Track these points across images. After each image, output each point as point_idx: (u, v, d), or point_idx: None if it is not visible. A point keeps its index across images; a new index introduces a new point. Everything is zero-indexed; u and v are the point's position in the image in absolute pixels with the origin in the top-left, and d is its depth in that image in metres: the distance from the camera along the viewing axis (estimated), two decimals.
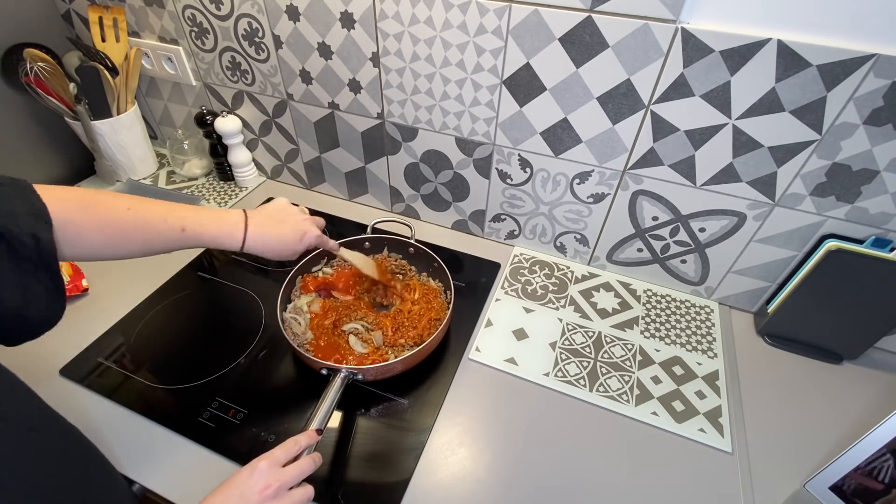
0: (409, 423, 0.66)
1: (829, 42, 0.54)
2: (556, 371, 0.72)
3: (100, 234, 0.49)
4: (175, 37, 0.94)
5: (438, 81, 0.76)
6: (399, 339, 0.72)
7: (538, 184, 0.82)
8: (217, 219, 0.57)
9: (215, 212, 0.58)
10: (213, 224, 0.56)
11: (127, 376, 0.70)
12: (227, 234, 0.57)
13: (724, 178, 0.69)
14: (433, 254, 0.80)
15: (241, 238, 0.57)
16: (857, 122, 0.58)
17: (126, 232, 0.51)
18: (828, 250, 0.66)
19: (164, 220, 0.53)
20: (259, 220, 0.59)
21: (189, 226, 0.54)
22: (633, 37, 0.61)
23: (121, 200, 0.51)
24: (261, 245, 0.59)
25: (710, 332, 0.79)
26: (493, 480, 0.60)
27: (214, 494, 0.45)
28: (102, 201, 0.50)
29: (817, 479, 0.53)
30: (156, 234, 0.52)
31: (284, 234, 0.61)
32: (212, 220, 0.56)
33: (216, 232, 0.56)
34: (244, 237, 0.57)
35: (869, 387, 0.72)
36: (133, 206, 0.51)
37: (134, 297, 0.82)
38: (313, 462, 0.51)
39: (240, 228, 0.57)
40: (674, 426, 0.66)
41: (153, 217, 0.52)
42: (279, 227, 0.61)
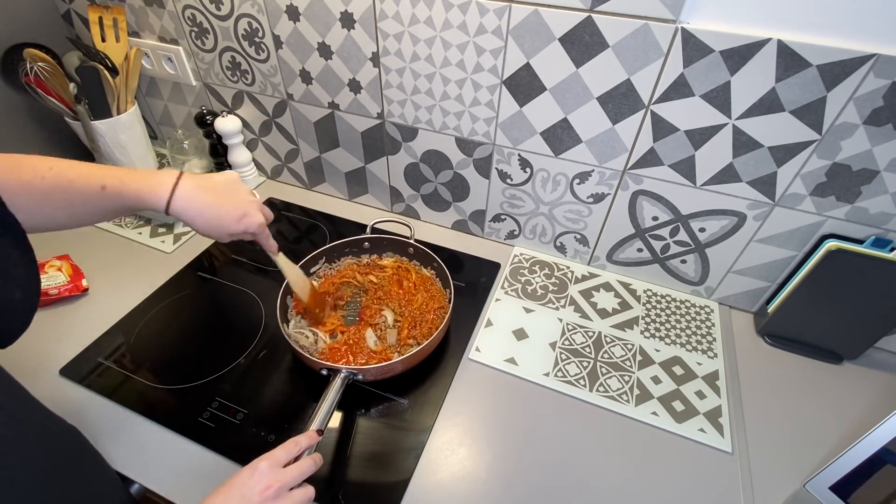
0: (409, 423, 0.66)
1: (829, 42, 0.54)
2: (556, 371, 0.72)
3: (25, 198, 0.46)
4: (175, 37, 0.94)
5: (438, 81, 0.76)
6: (409, 339, 0.72)
7: (538, 184, 0.82)
8: (143, 177, 0.52)
9: (143, 171, 0.53)
10: (136, 181, 0.51)
11: (127, 376, 0.70)
12: (151, 192, 0.51)
13: (724, 178, 0.69)
14: (433, 254, 0.80)
15: (167, 197, 0.51)
16: (857, 122, 0.58)
17: (48, 193, 0.47)
18: (828, 250, 0.66)
19: (86, 178, 0.49)
20: (196, 184, 0.54)
21: (110, 183, 0.49)
22: (633, 37, 0.61)
23: (45, 161, 0.48)
24: (191, 211, 0.53)
25: (710, 332, 0.79)
26: (493, 480, 0.60)
27: (215, 495, 0.45)
28: (27, 163, 0.47)
29: (817, 479, 0.53)
30: (76, 193, 0.49)
31: (222, 207, 0.55)
32: (137, 177, 0.51)
33: (138, 189, 0.51)
34: (170, 196, 0.51)
35: (869, 387, 0.72)
36: (55, 165, 0.48)
37: (134, 297, 0.82)
38: (314, 462, 0.51)
39: (167, 188, 0.51)
40: (674, 426, 0.66)
41: (75, 176, 0.49)
42: (219, 197, 0.55)
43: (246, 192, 0.59)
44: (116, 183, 0.50)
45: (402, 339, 0.72)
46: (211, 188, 0.55)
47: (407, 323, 0.75)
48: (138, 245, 0.93)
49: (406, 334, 0.73)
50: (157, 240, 0.93)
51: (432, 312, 0.77)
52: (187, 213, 0.53)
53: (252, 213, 0.57)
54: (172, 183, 0.52)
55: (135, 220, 0.98)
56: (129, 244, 0.93)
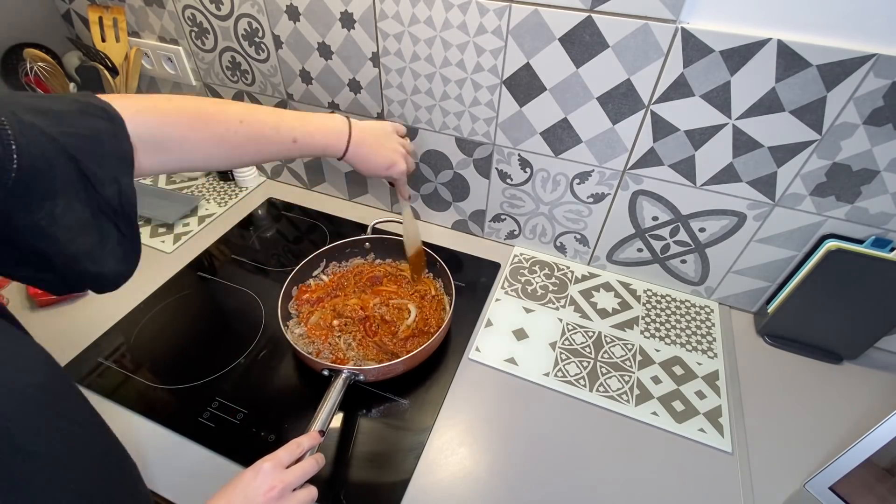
0: (409, 423, 0.66)
1: (829, 42, 0.54)
2: (556, 371, 0.72)
3: (215, 148, 0.51)
4: (175, 37, 0.94)
5: (438, 81, 0.76)
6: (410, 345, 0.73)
7: (538, 184, 0.82)
8: (325, 127, 0.60)
9: (320, 119, 0.60)
10: (321, 133, 0.59)
11: (127, 376, 0.70)
12: (334, 144, 0.60)
13: (724, 178, 0.69)
14: (433, 254, 0.80)
15: (345, 147, 0.61)
16: (857, 122, 0.58)
17: (239, 144, 0.53)
18: (828, 250, 0.66)
19: (277, 130, 0.55)
20: (360, 135, 0.62)
21: (300, 136, 0.57)
22: (633, 37, 0.61)
23: (231, 111, 0.53)
24: (356, 160, 0.63)
25: (710, 332, 0.79)
26: (493, 480, 0.60)
27: (218, 496, 0.45)
28: (213, 115, 0.51)
29: (817, 479, 0.53)
30: (268, 145, 0.55)
31: (378, 156, 0.64)
32: (319, 128, 0.59)
33: (325, 141, 0.60)
34: (347, 146, 0.61)
35: (869, 387, 0.72)
36: (245, 118, 0.53)
37: (134, 297, 0.82)
38: (316, 463, 0.51)
39: (344, 139, 0.61)
40: (674, 426, 0.66)
41: (265, 128, 0.55)
42: (375, 146, 0.64)
43: (396, 142, 0.68)
44: (306, 137, 0.58)
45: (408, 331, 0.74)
46: (371, 138, 0.64)
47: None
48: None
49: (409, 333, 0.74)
50: (157, 240, 0.93)
51: (432, 313, 0.77)
52: (354, 161, 0.63)
53: (398, 162, 0.66)
54: (347, 136, 0.61)
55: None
56: None
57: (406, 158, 0.68)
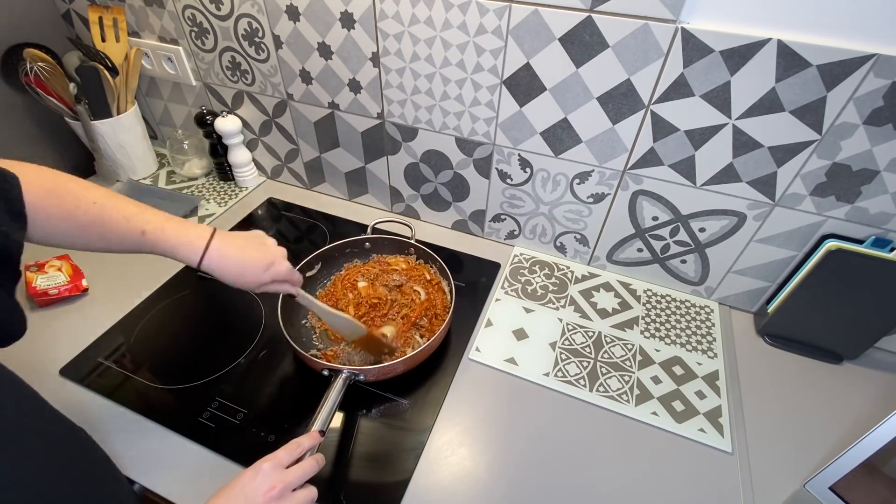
0: (409, 424, 0.66)
1: (829, 42, 0.54)
2: (556, 371, 0.72)
3: (62, 224, 0.48)
4: (175, 37, 0.94)
5: (438, 81, 0.76)
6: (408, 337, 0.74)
7: (538, 184, 0.82)
8: (181, 228, 0.54)
9: (183, 222, 0.55)
10: (174, 232, 0.53)
11: (127, 376, 0.70)
12: (187, 245, 0.53)
13: (724, 178, 0.69)
14: (433, 254, 0.80)
15: (201, 252, 0.54)
16: (857, 122, 0.58)
17: (86, 225, 0.50)
18: (828, 250, 0.66)
19: (127, 220, 0.51)
20: (226, 240, 0.56)
21: (150, 230, 0.52)
22: (633, 37, 0.61)
23: (90, 192, 0.50)
24: (222, 265, 0.55)
25: (710, 332, 0.79)
26: (493, 480, 0.60)
27: (218, 496, 0.45)
28: (71, 190, 0.49)
29: (817, 479, 0.53)
30: (116, 232, 0.51)
31: (250, 259, 0.57)
32: (175, 228, 0.53)
33: (176, 241, 0.53)
34: (204, 252, 0.54)
35: (869, 387, 0.72)
36: (99, 200, 0.50)
37: (134, 297, 0.82)
38: (316, 463, 0.51)
39: (201, 243, 0.54)
40: (674, 426, 0.66)
41: (117, 215, 0.51)
42: (246, 250, 0.57)
43: (272, 243, 0.61)
44: (157, 231, 0.52)
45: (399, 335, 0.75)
46: (237, 245, 0.57)
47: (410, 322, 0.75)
48: None
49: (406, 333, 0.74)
50: None
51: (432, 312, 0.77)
52: (217, 269, 0.55)
53: (279, 261, 0.59)
54: (206, 241, 0.54)
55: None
56: None
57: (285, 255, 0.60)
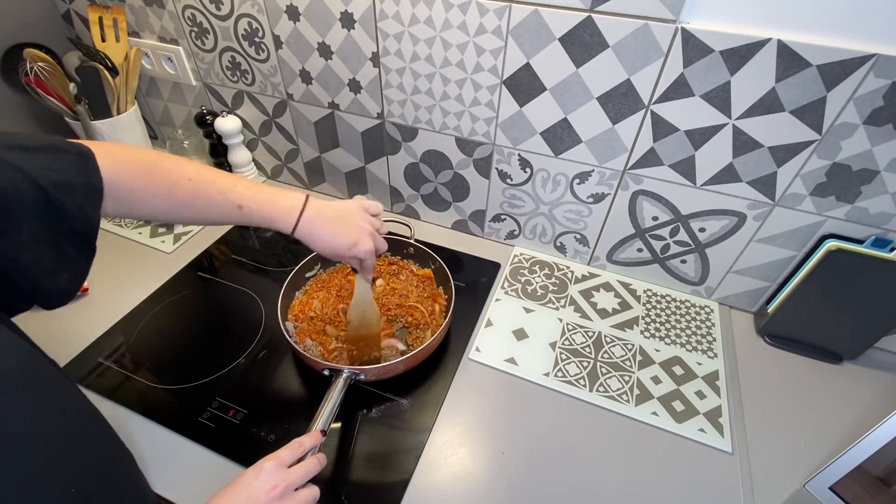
0: (409, 424, 0.66)
1: (829, 42, 0.54)
2: (556, 371, 0.72)
3: (161, 201, 0.51)
4: (175, 37, 0.94)
5: (438, 81, 0.76)
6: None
7: (538, 184, 0.82)
8: (274, 199, 0.56)
9: (275, 192, 0.56)
10: (269, 204, 0.55)
11: (127, 376, 0.70)
12: (281, 217, 0.56)
13: (724, 178, 0.69)
14: (433, 254, 0.80)
15: (294, 223, 0.56)
16: (857, 122, 0.58)
17: (185, 201, 0.52)
18: (828, 250, 0.67)
19: (224, 194, 0.53)
20: (317, 211, 0.57)
21: (246, 203, 0.54)
22: (633, 37, 0.61)
23: (183, 168, 0.52)
24: (310, 235, 0.57)
25: (710, 332, 0.79)
26: (493, 480, 0.60)
27: (220, 495, 0.45)
28: (166, 169, 0.51)
29: (817, 479, 0.53)
30: (213, 206, 0.53)
31: (337, 235, 0.58)
32: (269, 200, 0.55)
33: (271, 213, 0.55)
34: (296, 223, 0.56)
35: (869, 387, 0.72)
36: (194, 176, 0.52)
37: (134, 297, 0.82)
38: (318, 462, 0.51)
39: (294, 213, 0.56)
40: (674, 426, 0.66)
41: (212, 190, 0.53)
42: (335, 224, 0.58)
43: (362, 219, 0.60)
44: (251, 204, 0.54)
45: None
46: (328, 218, 0.58)
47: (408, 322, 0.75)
48: (138, 245, 0.93)
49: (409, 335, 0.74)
50: (157, 240, 0.93)
51: (432, 312, 0.77)
52: (307, 238, 0.57)
53: (362, 240, 0.59)
54: (300, 209, 0.56)
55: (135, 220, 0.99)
56: (129, 244, 0.93)
57: (374, 237, 0.60)
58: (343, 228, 0.58)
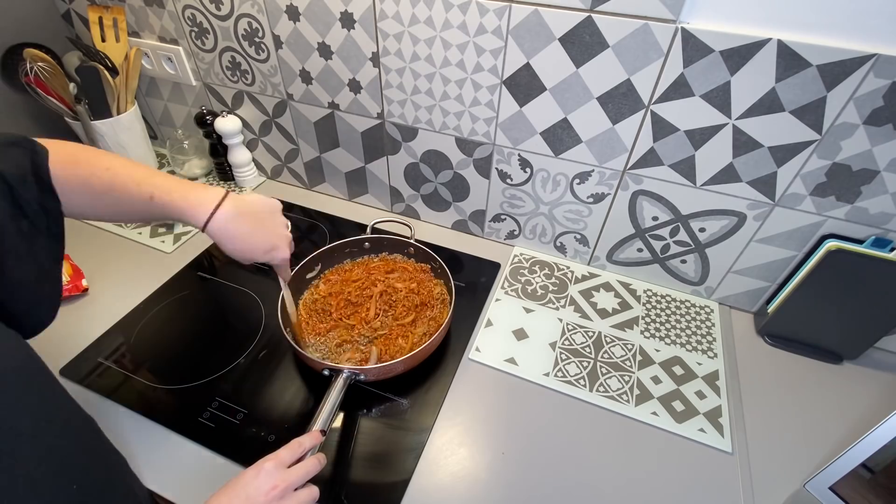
0: (409, 424, 0.66)
1: (829, 42, 0.54)
2: (556, 371, 0.72)
3: (79, 194, 0.49)
4: (175, 37, 0.94)
5: (438, 81, 0.76)
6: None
7: (538, 184, 0.82)
8: (187, 193, 0.52)
9: (191, 186, 0.53)
10: (180, 196, 0.52)
11: (127, 376, 0.70)
12: (193, 211, 0.52)
13: (724, 178, 0.69)
14: (433, 254, 0.80)
15: (205, 219, 0.52)
16: (857, 122, 0.58)
17: (100, 192, 0.50)
18: (828, 250, 0.66)
19: (138, 185, 0.51)
20: (237, 209, 0.54)
21: (158, 194, 0.51)
22: (633, 37, 0.61)
23: (103, 159, 0.51)
24: (222, 235, 0.53)
25: (710, 332, 0.79)
26: (493, 480, 0.60)
27: (219, 495, 0.45)
28: (87, 158, 0.50)
29: (817, 479, 0.53)
30: (126, 197, 0.51)
31: (254, 238, 0.56)
32: (182, 192, 0.52)
33: (181, 206, 0.52)
34: (208, 219, 0.52)
35: (869, 387, 0.72)
36: (112, 166, 0.50)
37: (134, 297, 0.82)
38: (318, 462, 0.51)
39: (206, 208, 0.52)
40: (674, 426, 0.66)
41: (128, 180, 0.50)
42: (254, 226, 0.56)
43: (281, 225, 0.59)
44: (164, 195, 0.51)
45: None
46: (250, 216, 0.55)
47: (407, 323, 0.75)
48: (138, 245, 0.93)
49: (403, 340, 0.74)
50: (157, 240, 0.93)
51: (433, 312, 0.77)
52: (220, 238, 0.54)
53: (281, 247, 0.58)
54: (214, 205, 0.52)
55: None
56: (129, 244, 0.93)
57: (289, 243, 0.60)
58: (262, 232, 0.56)
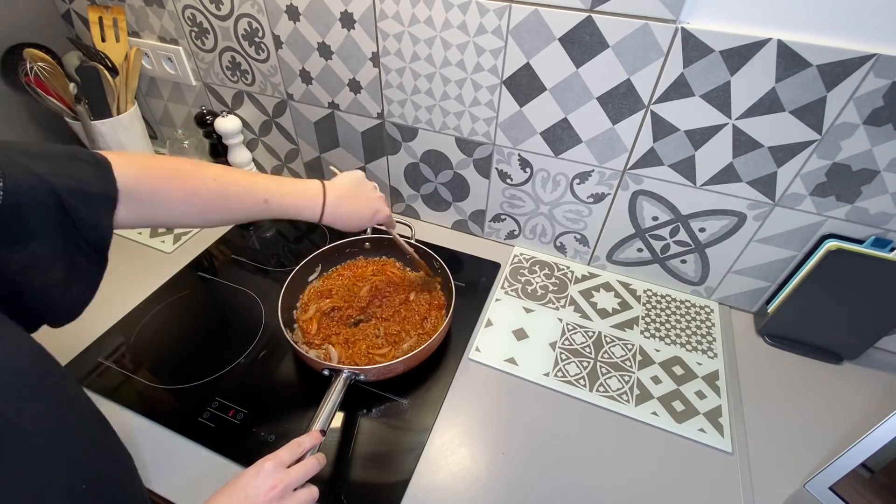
0: (409, 424, 0.66)
1: (829, 42, 0.54)
2: (556, 371, 0.72)
3: (186, 204, 0.52)
4: (175, 37, 0.94)
5: (438, 81, 0.76)
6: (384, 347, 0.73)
7: (538, 184, 0.82)
8: (297, 191, 0.59)
9: (295, 183, 0.60)
10: (293, 196, 0.58)
11: (127, 376, 0.70)
12: (308, 207, 0.59)
13: (724, 178, 0.69)
14: (433, 254, 0.80)
15: (320, 211, 0.60)
16: (857, 122, 0.58)
17: (211, 201, 0.54)
18: (828, 250, 0.66)
19: (248, 190, 0.56)
20: (336, 194, 0.61)
21: (272, 197, 0.57)
22: (633, 37, 0.61)
23: (207, 170, 0.54)
24: (336, 219, 0.61)
25: (710, 332, 0.79)
26: (492, 480, 0.60)
27: (219, 495, 0.45)
28: (188, 171, 0.53)
29: (817, 479, 0.54)
30: (239, 203, 0.55)
31: (359, 210, 0.63)
32: (292, 191, 0.58)
33: (297, 204, 0.59)
34: (322, 210, 0.60)
35: (869, 387, 0.72)
36: (218, 176, 0.54)
37: (134, 297, 0.82)
38: (318, 462, 0.51)
39: (318, 202, 0.60)
40: (674, 426, 0.66)
41: (236, 187, 0.55)
42: (354, 202, 0.63)
43: (370, 189, 0.67)
44: (276, 197, 0.57)
45: None
46: (346, 198, 0.62)
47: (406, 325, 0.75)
48: (138, 245, 0.93)
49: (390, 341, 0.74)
50: (157, 240, 0.93)
51: (433, 312, 0.77)
52: (332, 222, 0.61)
53: (381, 208, 0.66)
54: (322, 199, 0.60)
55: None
56: (129, 244, 0.93)
57: (384, 200, 0.68)
58: (361, 205, 0.64)
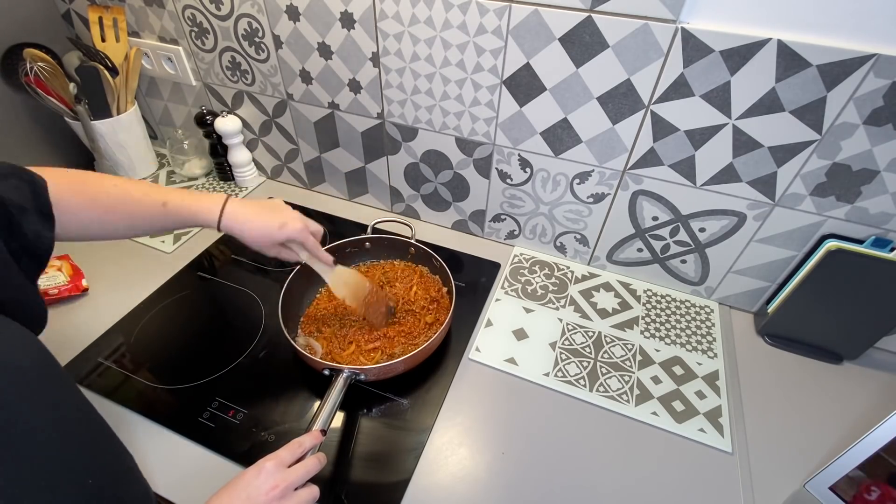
0: (409, 423, 0.66)
1: (829, 42, 0.54)
2: (556, 371, 0.72)
3: (88, 212, 0.52)
4: (175, 37, 0.94)
5: (438, 81, 0.76)
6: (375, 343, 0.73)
7: (538, 184, 0.82)
8: (198, 197, 0.59)
9: (199, 192, 0.60)
10: (192, 200, 0.58)
11: (127, 376, 0.70)
12: (206, 211, 0.58)
13: (724, 178, 0.69)
14: (433, 254, 0.80)
15: (218, 216, 0.59)
16: (857, 122, 0.58)
17: (111, 207, 0.53)
18: (828, 250, 0.67)
19: (147, 195, 0.56)
20: (239, 202, 0.61)
21: (170, 200, 0.56)
22: (633, 37, 0.61)
23: (109, 178, 0.55)
24: (238, 226, 0.60)
25: (710, 332, 0.79)
26: (492, 480, 0.60)
27: (220, 494, 0.45)
28: (92, 179, 0.53)
29: (817, 479, 0.54)
30: (139, 208, 0.55)
31: (262, 219, 0.61)
32: (193, 196, 0.58)
33: (196, 207, 0.58)
34: (221, 213, 0.59)
35: (869, 387, 0.72)
36: (119, 183, 0.55)
37: (134, 297, 0.82)
38: (318, 462, 0.51)
39: (217, 208, 0.59)
40: (674, 426, 0.66)
41: (136, 192, 0.55)
42: (257, 209, 0.61)
43: (287, 208, 0.64)
44: (176, 200, 0.57)
45: None
46: (253, 207, 0.61)
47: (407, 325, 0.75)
48: (138, 245, 0.93)
49: None
50: (157, 240, 0.93)
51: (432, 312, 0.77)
52: (234, 229, 0.60)
53: (291, 221, 0.62)
54: (222, 202, 0.59)
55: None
56: (129, 244, 0.93)
57: (304, 220, 0.64)
58: (264, 214, 0.61)
